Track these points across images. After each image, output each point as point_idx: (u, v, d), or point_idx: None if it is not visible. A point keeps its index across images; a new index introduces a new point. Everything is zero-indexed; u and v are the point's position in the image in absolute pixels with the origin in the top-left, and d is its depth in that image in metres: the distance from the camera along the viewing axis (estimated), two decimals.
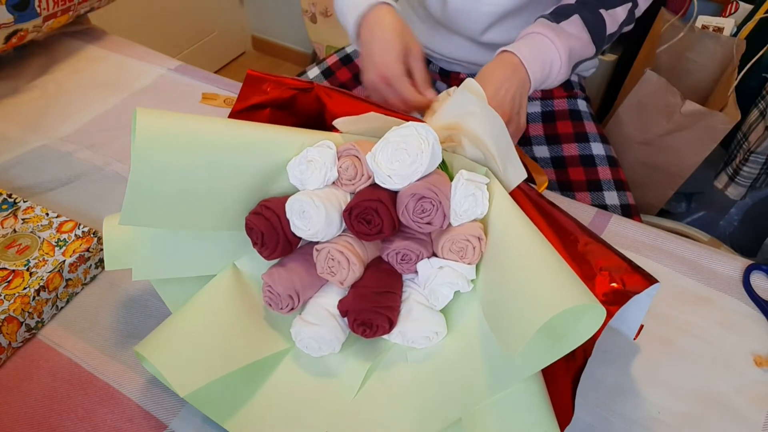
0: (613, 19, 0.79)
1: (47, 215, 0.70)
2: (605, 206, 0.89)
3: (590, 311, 0.45)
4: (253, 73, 0.63)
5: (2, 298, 0.61)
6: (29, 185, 0.81)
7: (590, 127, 0.97)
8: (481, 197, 0.54)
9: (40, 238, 0.68)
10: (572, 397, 0.50)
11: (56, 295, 0.65)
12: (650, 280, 0.50)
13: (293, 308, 0.56)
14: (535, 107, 0.99)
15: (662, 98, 1.18)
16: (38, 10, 0.94)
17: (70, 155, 0.86)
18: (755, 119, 1.19)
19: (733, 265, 0.72)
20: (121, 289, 0.68)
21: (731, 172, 1.24)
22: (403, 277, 0.58)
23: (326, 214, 0.53)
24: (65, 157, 0.86)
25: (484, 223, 0.55)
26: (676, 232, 0.91)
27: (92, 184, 0.82)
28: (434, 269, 0.55)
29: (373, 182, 0.56)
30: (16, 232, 0.68)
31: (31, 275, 0.63)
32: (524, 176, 0.55)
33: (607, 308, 0.45)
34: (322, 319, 0.56)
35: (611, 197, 0.90)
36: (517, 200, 0.55)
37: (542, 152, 0.96)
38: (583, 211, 0.80)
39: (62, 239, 0.67)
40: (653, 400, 0.59)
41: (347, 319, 0.55)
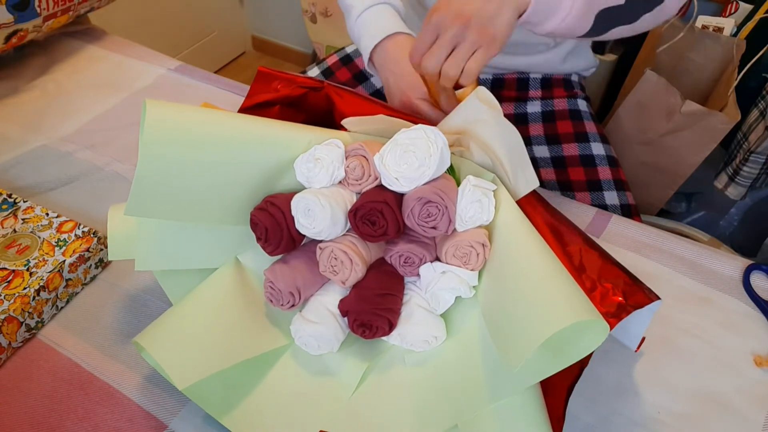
0: None
1: (47, 215, 0.70)
2: (605, 206, 0.89)
3: (593, 326, 0.45)
4: (264, 69, 0.63)
5: (2, 298, 0.61)
6: (29, 185, 0.81)
7: (590, 126, 0.97)
8: (487, 204, 0.53)
9: (40, 238, 0.68)
10: (564, 408, 0.50)
11: (56, 295, 0.65)
12: (651, 296, 0.50)
13: (294, 305, 0.56)
14: (535, 107, 0.99)
15: (662, 98, 1.18)
16: (38, 10, 0.94)
17: (70, 155, 0.86)
18: (755, 119, 1.19)
19: (733, 265, 0.72)
20: (121, 289, 0.68)
21: (731, 172, 1.24)
22: (405, 279, 0.58)
23: (332, 213, 0.53)
24: (65, 157, 0.86)
25: (488, 229, 0.55)
26: (676, 232, 0.91)
27: (92, 184, 0.82)
28: (437, 274, 0.55)
29: (379, 183, 0.56)
30: (16, 232, 0.68)
31: (31, 275, 0.63)
32: (536, 185, 0.55)
33: (607, 320, 0.45)
34: (322, 317, 0.56)
35: (611, 197, 0.90)
36: (521, 206, 0.55)
37: (542, 152, 0.96)
38: (583, 211, 0.80)
39: (62, 239, 0.67)
40: (653, 400, 0.59)
41: (347, 319, 0.55)
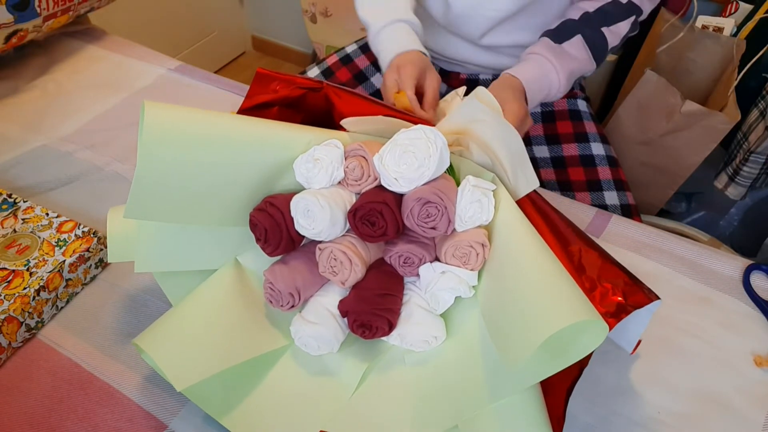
0: (615, 34, 0.82)
1: (47, 215, 0.70)
2: (605, 206, 0.89)
3: (593, 327, 0.45)
4: (262, 71, 0.62)
5: (2, 298, 0.61)
6: (29, 185, 0.81)
7: (590, 127, 0.97)
8: (487, 204, 0.53)
9: (40, 238, 0.68)
10: (564, 408, 0.50)
11: (56, 295, 0.65)
12: (651, 296, 0.50)
13: (294, 306, 0.56)
14: (535, 107, 0.99)
15: (662, 98, 1.18)
16: (38, 10, 0.94)
17: (70, 155, 0.86)
18: (755, 119, 1.18)
19: (733, 265, 0.72)
20: (121, 289, 0.68)
21: (731, 172, 1.24)
22: (404, 279, 0.58)
23: (331, 214, 0.53)
24: (65, 157, 0.86)
25: (488, 229, 0.55)
26: (676, 232, 0.90)
27: (92, 184, 0.82)
28: (436, 274, 0.55)
29: (379, 184, 0.55)
30: (16, 232, 0.68)
31: (31, 275, 0.63)
32: (536, 185, 0.55)
33: (606, 320, 0.45)
34: (322, 318, 0.56)
35: (611, 197, 0.90)
36: (521, 206, 0.55)
37: (542, 152, 0.96)
38: (583, 211, 0.80)
39: (62, 239, 0.67)
40: (653, 400, 0.59)
41: (347, 319, 0.55)
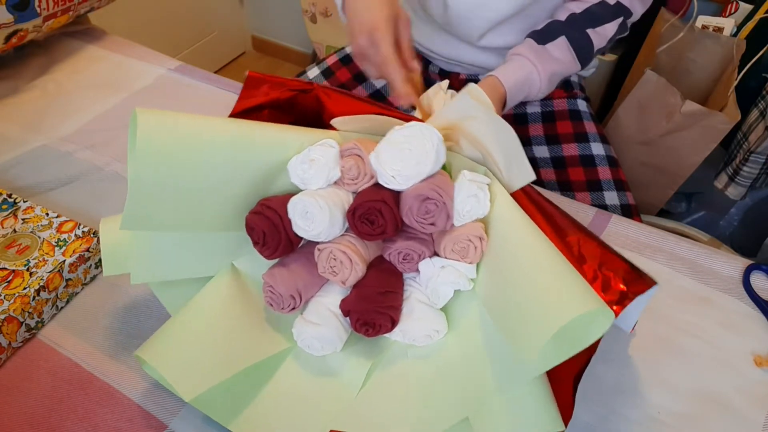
0: (601, 36, 0.83)
1: (47, 215, 0.70)
2: (605, 206, 0.89)
3: (600, 315, 0.45)
4: (253, 74, 0.62)
5: (2, 298, 0.61)
6: (29, 185, 0.81)
7: (590, 127, 0.97)
8: (483, 198, 0.54)
9: (40, 238, 0.68)
10: (573, 395, 0.51)
11: (56, 295, 0.65)
12: (650, 281, 0.50)
13: (295, 308, 0.56)
14: (534, 107, 0.99)
15: (662, 98, 1.18)
16: (38, 10, 0.94)
17: (70, 155, 0.86)
18: (755, 119, 1.18)
19: (733, 265, 0.72)
20: (121, 289, 0.68)
21: (731, 172, 1.24)
22: (403, 276, 0.58)
23: (330, 215, 0.53)
24: (65, 157, 0.86)
25: (484, 222, 0.55)
26: (676, 232, 0.91)
27: (92, 184, 0.82)
28: (436, 269, 0.55)
29: (375, 182, 0.55)
30: (16, 232, 0.68)
31: (31, 275, 0.63)
32: (532, 178, 0.55)
33: (610, 308, 0.46)
34: (324, 318, 0.56)
35: (611, 197, 0.90)
36: (516, 199, 0.55)
37: (542, 152, 0.96)
38: (583, 211, 0.80)
39: (62, 239, 0.67)
40: (653, 400, 0.59)
41: (349, 318, 0.55)
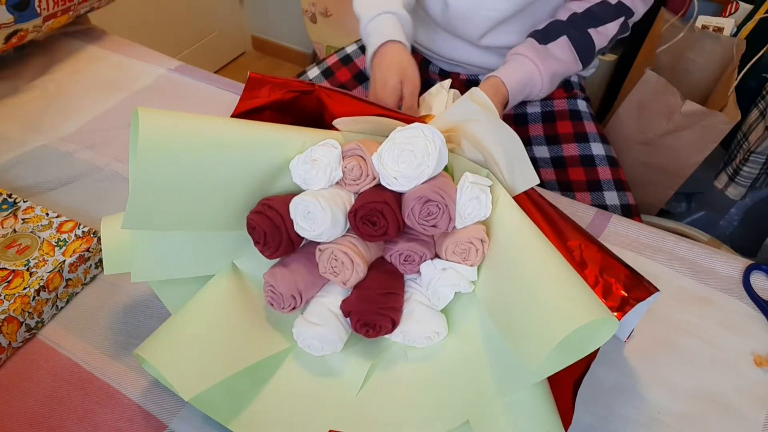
0: (602, 35, 0.83)
1: (47, 215, 0.70)
2: (605, 206, 0.89)
3: (604, 324, 0.45)
4: (254, 75, 0.62)
5: (2, 298, 0.61)
6: (29, 185, 0.81)
7: (590, 127, 0.97)
8: (485, 200, 0.54)
9: (40, 238, 0.68)
10: (573, 400, 0.50)
11: (56, 295, 0.65)
12: (651, 289, 0.50)
13: (295, 308, 0.56)
14: (534, 107, 0.99)
15: (662, 98, 1.18)
16: (38, 10, 0.94)
17: (70, 155, 0.86)
18: (755, 119, 1.18)
19: (733, 265, 0.72)
20: (121, 289, 0.68)
21: (731, 172, 1.24)
22: (404, 276, 0.58)
23: (332, 215, 0.52)
24: (65, 157, 0.86)
25: (486, 224, 0.55)
26: (676, 232, 0.90)
27: (92, 184, 0.82)
28: (437, 271, 0.55)
29: (378, 183, 0.55)
30: (16, 232, 0.68)
31: (31, 275, 0.63)
32: (536, 182, 0.54)
33: (616, 315, 0.46)
34: (324, 319, 0.56)
35: (611, 197, 0.90)
36: (518, 201, 0.55)
37: (542, 152, 0.96)
38: (583, 211, 0.80)
39: (62, 239, 0.67)
40: (653, 400, 0.59)
41: (350, 319, 0.55)
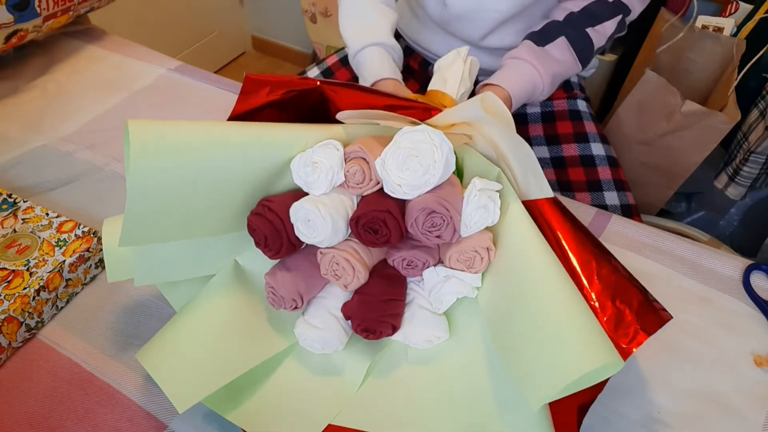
0: (600, 34, 0.82)
1: (47, 215, 0.70)
2: (605, 206, 0.89)
3: (611, 366, 0.44)
4: (252, 76, 0.59)
5: (2, 298, 0.61)
6: (29, 185, 0.81)
7: (590, 127, 0.97)
8: (493, 208, 0.52)
9: (40, 238, 0.68)
10: (578, 425, 0.51)
11: (56, 295, 0.65)
12: (664, 316, 0.50)
13: (297, 308, 0.56)
14: (534, 108, 0.99)
15: (662, 98, 1.18)
16: (38, 10, 0.94)
17: (70, 155, 0.86)
18: (755, 119, 1.18)
19: (733, 265, 0.72)
20: (121, 289, 0.68)
21: (731, 172, 1.24)
22: (407, 279, 0.58)
23: (333, 224, 0.51)
24: (65, 157, 0.86)
25: (493, 230, 0.54)
26: (676, 232, 0.90)
27: (92, 184, 0.82)
28: (440, 278, 0.54)
29: (381, 188, 0.53)
30: (16, 232, 0.68)
31: (31, 275, 0.63)
32: (550, 195, 0.53)
33: (623, 347, 0.47)
34: (325, 322, 0.56)
35: (611, 197, 0.90)
36: (545, 212, 0.54)
37: (542, 152, 0.96)
38: (583, 211, 0.80)
39: (62, 239, 0.67)
40: (653, 400, 0.59)
41: (351, 323, 0.55)
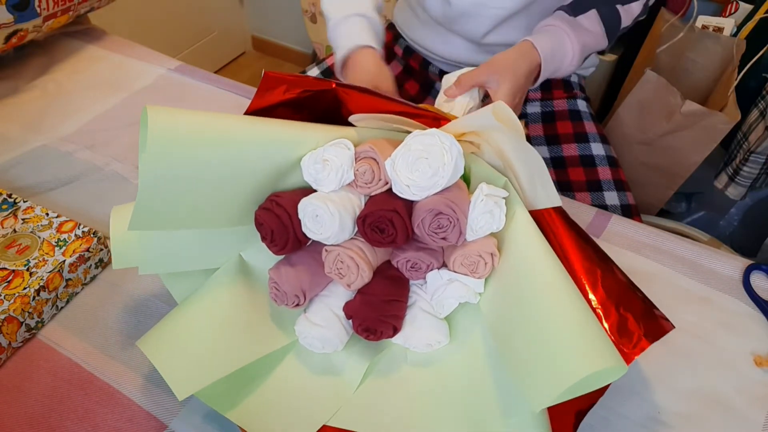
0: (628, 13, 0.83)
1: (47, 215, 0.70)
2: (605, 206, 0.89)
3: (614, 370, 0.45)
4: (270, 73, 0.60)
5: (2, 298, 0.61)
6: (29, 185, 0.81)
7: (590, 127, 0.97)
8: (498, 214, 0.52)
9: (40, 238, 0.68)
10: (574, 430, 0.51)
11: (56, 295, 0.65)
12: (666, 325, 0.51)
13: (299, 305, 0.56)
14: (534, 108, 0.99)
15: (662, 98, 1.18)
16: (38, 10, 0.94)
17: (70, 155, 0.86)
18: (755, 119, 1.18)
19: (733, 265, 0.72)
20: (121, 289, 0.68)
21: (731, 172, 1.24)
22: (409, 281, 0.58)
23: (340, 221, 0.52)
24: (65, 157, 0.86)
25: (498, 237, 0.54)
26: (676, 232, 0.90)
27: (92, 184, 0.82)
28: (443, 281, 0.54)
29: (389, 188, 0.54)
30: (16, 232, 0.68)
31: (31, 275, 0.63)
32: (558, 203, 0.53)
33: (626, 352, 0.48)
34: (327, 320, 0.56)
35: (611, 197, 0.90)
36: (551, 222, 0.54)
37: (542, 152, 0.96)
38: (583, 211, 0.80)
39: (62, 239, 0.67)
40: (653, 400, 0.59)
41: (352, 322, 0.55)
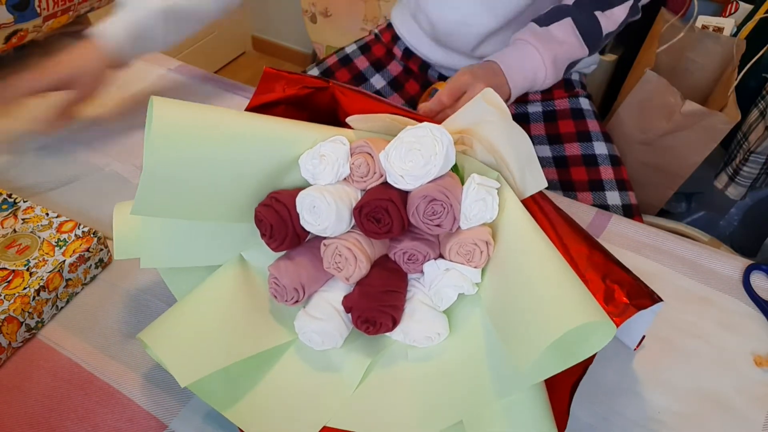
0: (610, 19, 0.81)
1: (47, 215, 0.70)
2: (607, 206, 0.89)
3: (601, 327, 0.45)
4: (270, 70, 0.63)
5: (2, 298, 0.61)
6: (29, 185, 0.81)
7: (593, 125, 0.96)
8: (491, 202, 0.54)
9: (40, 238, 0.68)
10: (568, 404, 0.51)
11: (56, 295, 0.65)
12: (655, 298, 0.50)
13: (298, 301, 0.57)
14: (536, 107, 0.99)
15: (662, 98, 1.18)
16: (38, 10, 0.94)
17: (70, 155, 0.86)
18: (755, 119, 1.19)
19: (733, 265, 0.72)
20: (121, 289, 0.68)
21: (731, 172, 1.24)
22: (407, 276, 0.59)
23: (337, 210, 0.53)
24: (65, 157, 0.86)
25: (492, 227, 0.55)
26: (676, 232, 0.90)
27: (92, 184, 0.82)
28: (440, 271, 0.55)
29: (384, 181, 0.56)
30: (16, 232, 0.68)
31: (31, 275, 0.63)
32: (544, 185, 0.54)
33: (612, 320, 0.46)
34: (326, 314, 0.56)
35: (613, 197, 0.90)
36: (526, 205, 0.55)
37: (544, 152, 0.96)
38: (583, 211, 0.80)
39: (62, 239, 0.67)
40: (653, 400, 0.59)
41: (351, 315, 0.56)
